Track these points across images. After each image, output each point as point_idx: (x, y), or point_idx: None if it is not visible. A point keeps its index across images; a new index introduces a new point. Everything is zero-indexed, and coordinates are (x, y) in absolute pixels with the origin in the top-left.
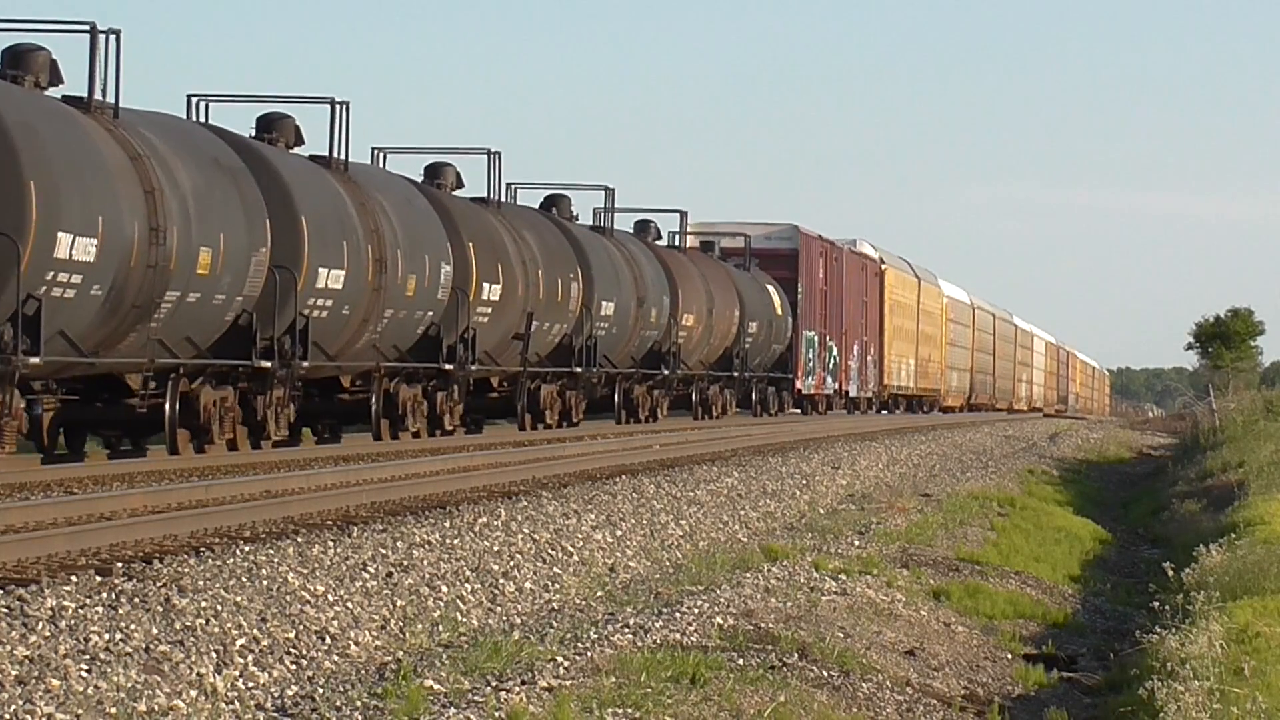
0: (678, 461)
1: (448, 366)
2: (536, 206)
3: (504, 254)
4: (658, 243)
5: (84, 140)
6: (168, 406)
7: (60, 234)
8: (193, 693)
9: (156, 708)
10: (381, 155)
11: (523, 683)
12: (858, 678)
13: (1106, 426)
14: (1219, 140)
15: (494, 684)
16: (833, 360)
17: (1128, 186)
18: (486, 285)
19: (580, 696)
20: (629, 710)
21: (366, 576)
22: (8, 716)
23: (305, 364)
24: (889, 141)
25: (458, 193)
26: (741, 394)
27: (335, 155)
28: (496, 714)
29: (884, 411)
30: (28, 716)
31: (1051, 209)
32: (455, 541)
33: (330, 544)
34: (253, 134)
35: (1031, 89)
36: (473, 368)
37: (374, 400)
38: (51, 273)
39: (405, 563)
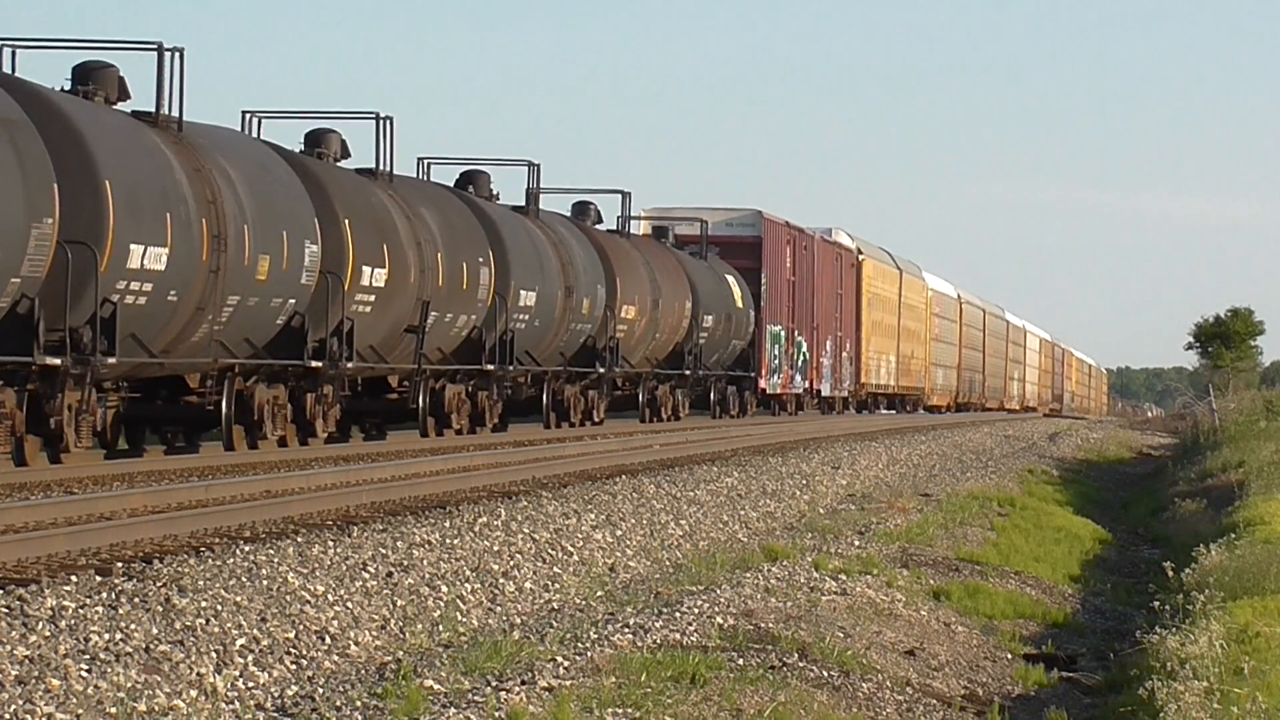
0: (677, 461)
1: (315, 364)
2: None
3: (392, 233)
4: (598, 227)
5: None
6: None
7: None
8: (193, 693)
9: (156, 708)
10: (256, 120)
11: (523, 683)
12: (858, 678)
13: (1106, 426)
14: (1219, 140)
15: (494, 684)
16: (802, 357)
17: (1128, 186)
18: (368, 269)
19: (580, 696)
20: (629, 710)
21: (366, 576)
22: (8, 716)
23: (111, 360)
24: (889, 141)
25: (346, 164)
26: (699, 394)
27: (162, 110)
28: (496, 714)
29: (863, 412)
30: (28, 716)
31: (1051, 208)
32: (455, 541)
33: (330, 544)
34: (65, 87)
35: (1031, 88)
36: (349, 365)
37: (224, 404)
38: None
39: (405, 563)
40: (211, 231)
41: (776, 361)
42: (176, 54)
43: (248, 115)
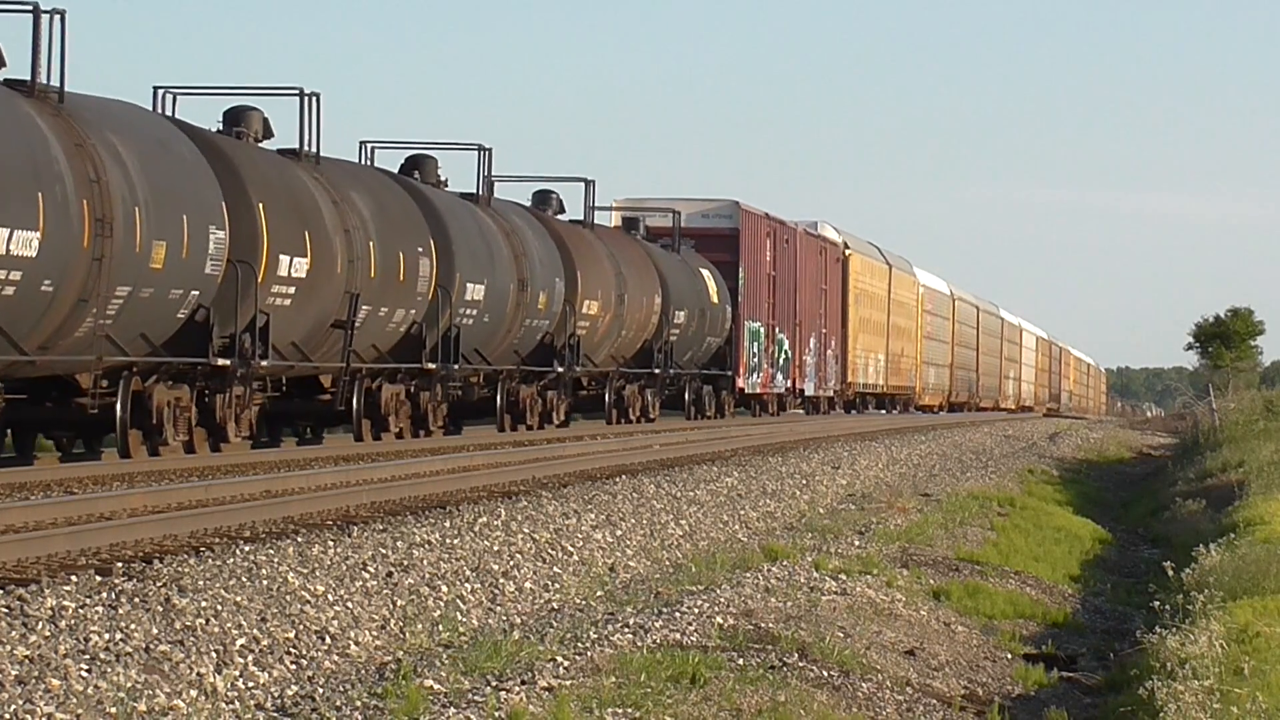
0: (677, 461)
1: (222, 362)
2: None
3: (314, 219)
4: (560, 218)
5: None
6: None
7: None
8: (193, 693)
9: (156, 708)
10: (171, 97)
11: (523, 683)
12: (858, 678)
13: (1106, 426)
14: (1219, 140)
15: (494, 684)
16: (783, 355)
17: (1128, 186)
18: (286, 258)
19: (580, 696)
20: (629, 710)
21: (366, 576)
22: (8, 716)
23: None
24: (889, 141)
25: (270, 145)
26: (672, 394)
27: (37, 80)
28: (496, 714)
29: (852, 412)
30: (28, 716)
31: (1051, 208)
32: (455, 541)
33: (330, 544)
34: None
35: (1031, 88)
36: (264, 364)
37: (118, 406)
38: None
39: (405, 562)
40: (94, 214)
41: (755, 360)
42: (57, 16)
43: (160, 91)
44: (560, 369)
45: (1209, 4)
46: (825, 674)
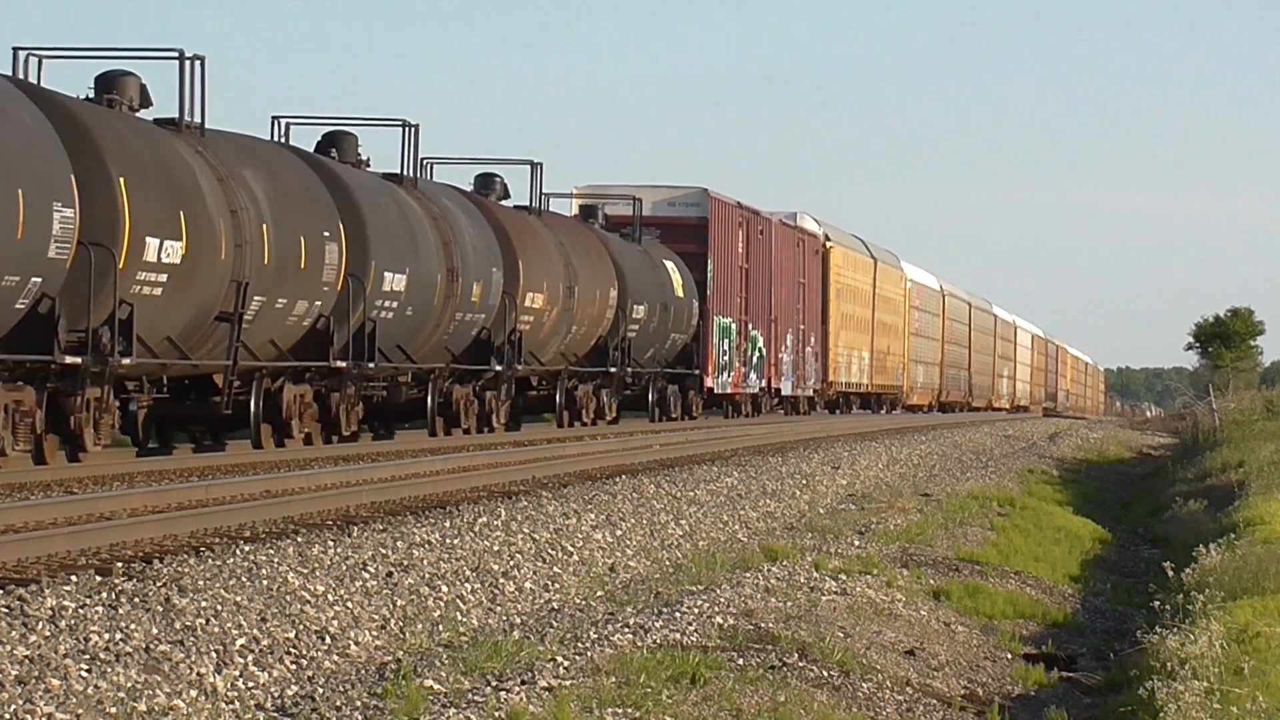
0: (678, 461)
1: (72, 360)
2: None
3: (192, 197)
4: (503, 202)
5: None
6: None
7: None
8: (193, 693)
9: (156, 708)
10: (36, 61)
11: (523, 683)
12: (858, 678)
13: (1106, 426)
14: (1219, 140)
15: (494, 684)
16: (757, 353)
17: (1128, 186)
18: (154, 241)
19: (580, 696)
20: (629, 710)
21: (366, 576)
22: (8, 716)
23: None
24: (886, 139)
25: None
26: (635, 394)
27: None
28: (496, 714)
29: (836, 412)
30: (28, 716)
31: (1051, 209)
32: (455, 541)
33: (330, 544)
34: None
35: (1031, 87)
36: (125, 361)
37: None
38: None
39: (405, 562)
40: None
41: (726, 357)
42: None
43: (22, 54)
44: (498, 367)
45: (1209, 4)
46: (825, 674)
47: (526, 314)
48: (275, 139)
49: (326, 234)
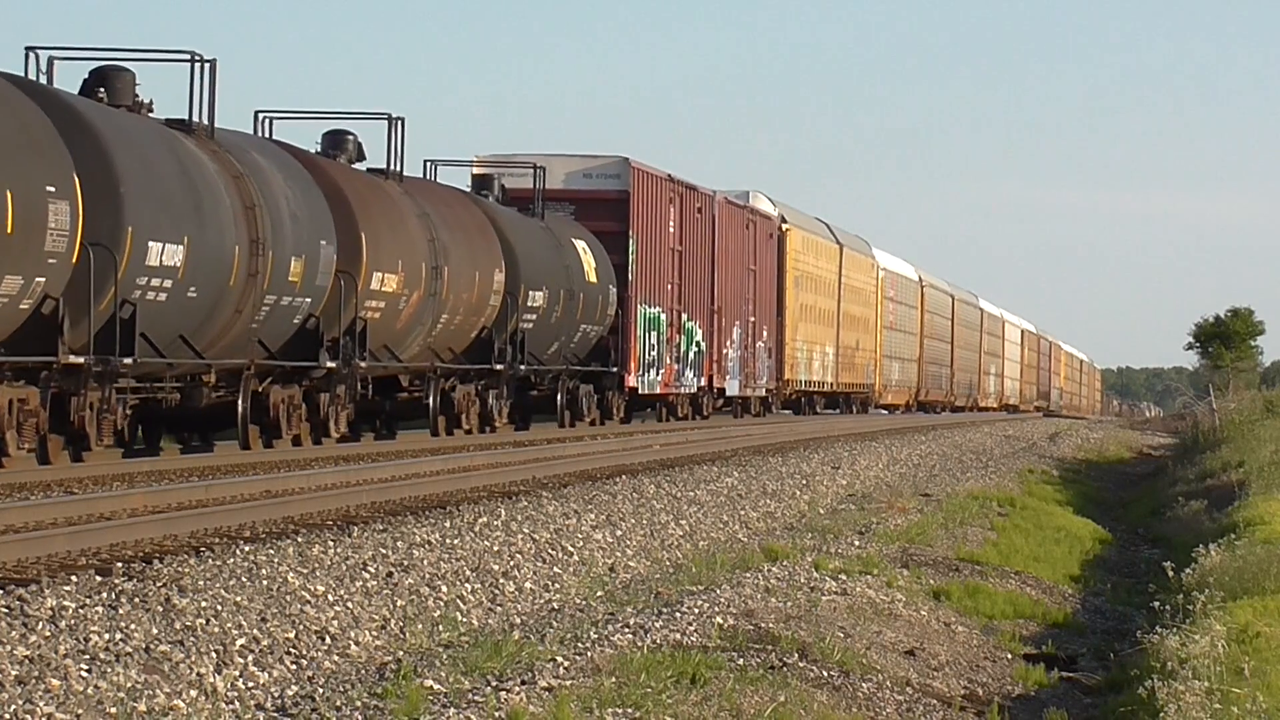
0: (678, 461)
1: None
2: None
3: None
4: (358, 166)
5: None
6: None
7: None
8: (193, 693)
9: (156, 708)
10: None
11: (523, 683)
12: (858, 678)
13: (1106, 426)
14: (1219, 140)
15: (494, 684)
16: (694, 348)
17: (1127, 186)
18: None
19: (580, 696)
20: (629, 710)
21: (366, 576)
22: (8, 716)
23: None
24: (886, 138)
25: None
26: (542, 396)
27: None
28: (496, 714)
29: (800, 415)
30: (28, 716)
31: (1051, 209)
32: (455, 541)
33: (330, 544)
34: None
35: (1031, 87)
36: None
37: None
38: None
39: (405, 563)
40: None
41: (653, 353)
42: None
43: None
44: (331, 364)
45: (1209, 4)
46: (825, 674)
47: (374, 299)
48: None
49: (51, 188)
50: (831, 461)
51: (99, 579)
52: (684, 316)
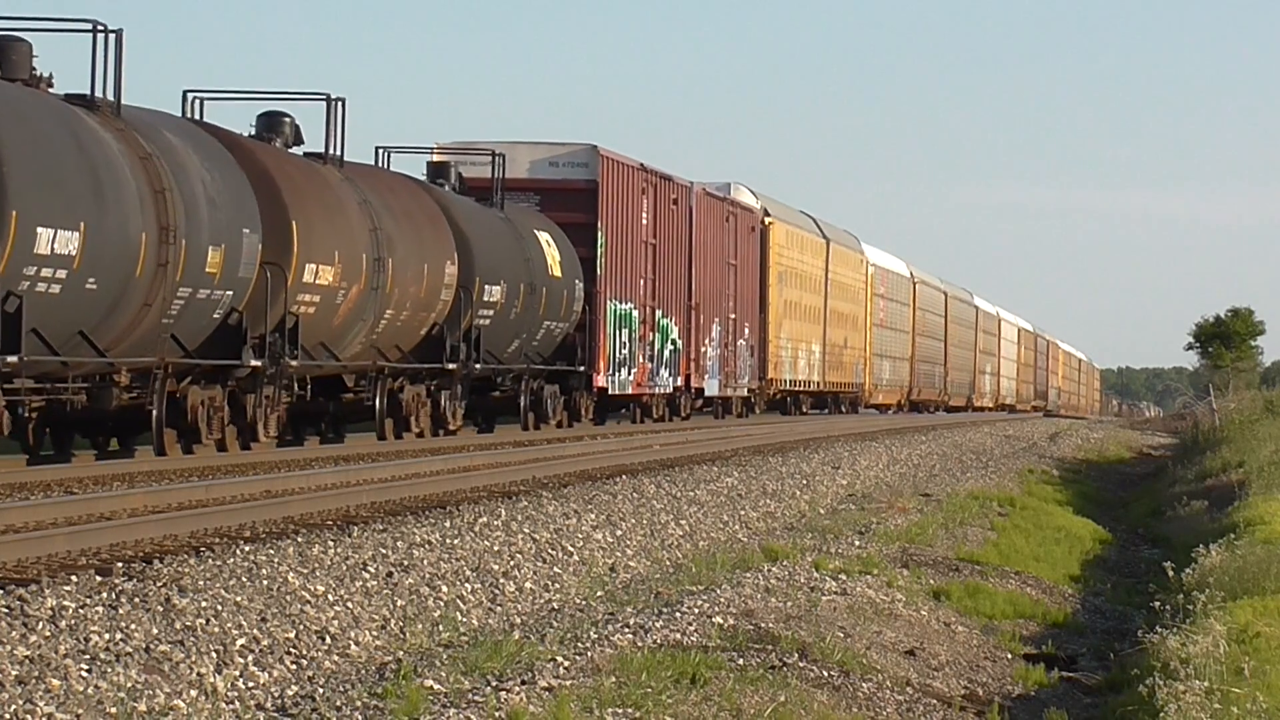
0: (678, 461)
1: None
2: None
3: None
4: (295, 150)
5: None
6: None
7: None
8: (193, 693)
9: (156, 708)
10: None
11: (523, 683)
12: (858, 678)
13: (1106, 426)
14: (1218, 140)
15: (494, 684)
16: (670, 346)
17: (1127, 186)
18: None
19: (580, 696)
20: (629, 710)
21: (366, 576)
22: (8, 716)
23: None
24: (883, 137)
25: None
26: (505, 397)
27: None
28: (496, 714)
29: (788, 415)
30: (28, 716)
31: (1051, 209)
32: (455, 541)
33: (330, 544)
34: None
35: (1031, 86)
36: None
37: None
38: None
39: (405, 562)
40: None
41: (625, 351)
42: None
43: None
44: (256, 363)
45: (1209, 4)
46: (825, 674)
47: (307, 292)
48: None
49: None
50: (831, 461)
51: (99, 579)
52: (658, 313)
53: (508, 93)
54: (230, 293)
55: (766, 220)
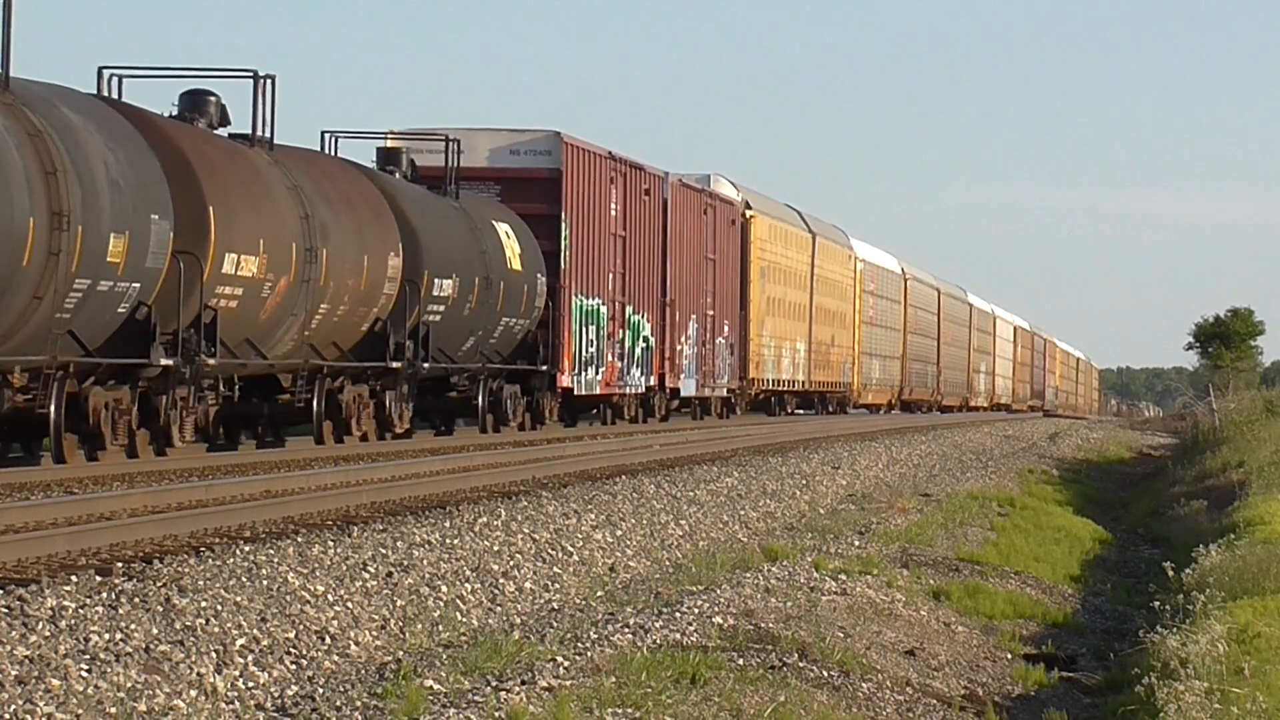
0: (678, 461)
1: None
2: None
3: None
4: (222, 132)
5: None
6: None
7: None
8: (193, 693)
9: (156, 708)
10: None
11: (523, 683)
12: (858, 678)
13: (1106, 426)
14: (1218, 140)
15: (494, 684)
16: (641, 343)
17: (1127, 185)
18: None
19: (580, 696)
20: (629, 710)
21: (366, 576)
22: (8, 716)
23: None
24: (874, 131)
25: None
26: (463, 397)
27: None
28: (496, 714)
29: (775, 415)
30: (28, 716)
31: (1049, 207)
32: (455, 541)
33: (330, 544)
34: None
35: (1030, 86)
36: None
37: None
38: None
39: (405, 563)
40: None
41: (592, 349)
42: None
43: None
44: (167, 361)
45: (1209, 4)
46: (825, 674)
47: (227, 284)
48: None
49: None
50: (831, 461)
51: (99, 579)
52: (629, 309)
53: (478, 82)
54: (137, 285)
55: (748, 213)
